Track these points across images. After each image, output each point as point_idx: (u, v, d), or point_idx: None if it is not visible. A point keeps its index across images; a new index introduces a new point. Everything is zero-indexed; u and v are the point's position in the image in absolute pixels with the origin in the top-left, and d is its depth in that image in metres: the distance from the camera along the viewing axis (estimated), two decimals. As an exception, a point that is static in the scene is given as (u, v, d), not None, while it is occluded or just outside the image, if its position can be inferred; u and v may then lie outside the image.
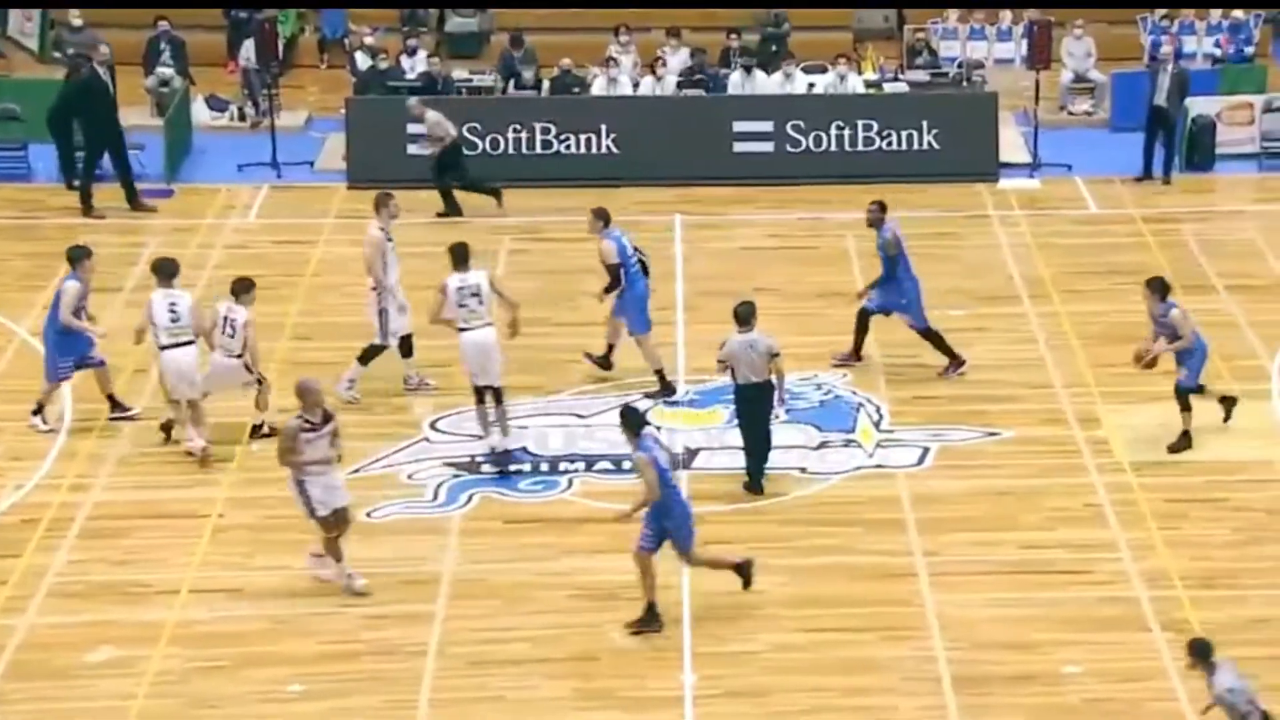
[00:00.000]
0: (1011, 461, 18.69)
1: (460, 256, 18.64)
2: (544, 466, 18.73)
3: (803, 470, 18.66)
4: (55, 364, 19.19)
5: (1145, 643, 15.67)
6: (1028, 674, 15.25)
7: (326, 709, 14.98)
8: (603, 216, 19.92)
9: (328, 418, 16.21)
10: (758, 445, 18.21)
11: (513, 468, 18.53)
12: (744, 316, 18.08)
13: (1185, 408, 18.70)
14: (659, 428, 19.34)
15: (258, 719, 14.94)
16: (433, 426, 19.47)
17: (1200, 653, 13.51)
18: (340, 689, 15.13)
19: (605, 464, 18.75)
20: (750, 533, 17.52)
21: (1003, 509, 17.88)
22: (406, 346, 19.97)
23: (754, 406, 18.09)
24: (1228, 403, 19.10)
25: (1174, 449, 18.68)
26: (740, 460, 18.34)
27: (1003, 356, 20.99)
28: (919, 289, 20.36)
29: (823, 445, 19.09)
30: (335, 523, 16.30)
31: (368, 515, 17.80)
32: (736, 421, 18.44)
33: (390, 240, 19.84)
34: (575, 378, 20.51)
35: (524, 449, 19.00)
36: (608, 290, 19.83)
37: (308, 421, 16.10)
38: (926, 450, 18.93)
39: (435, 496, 18.21)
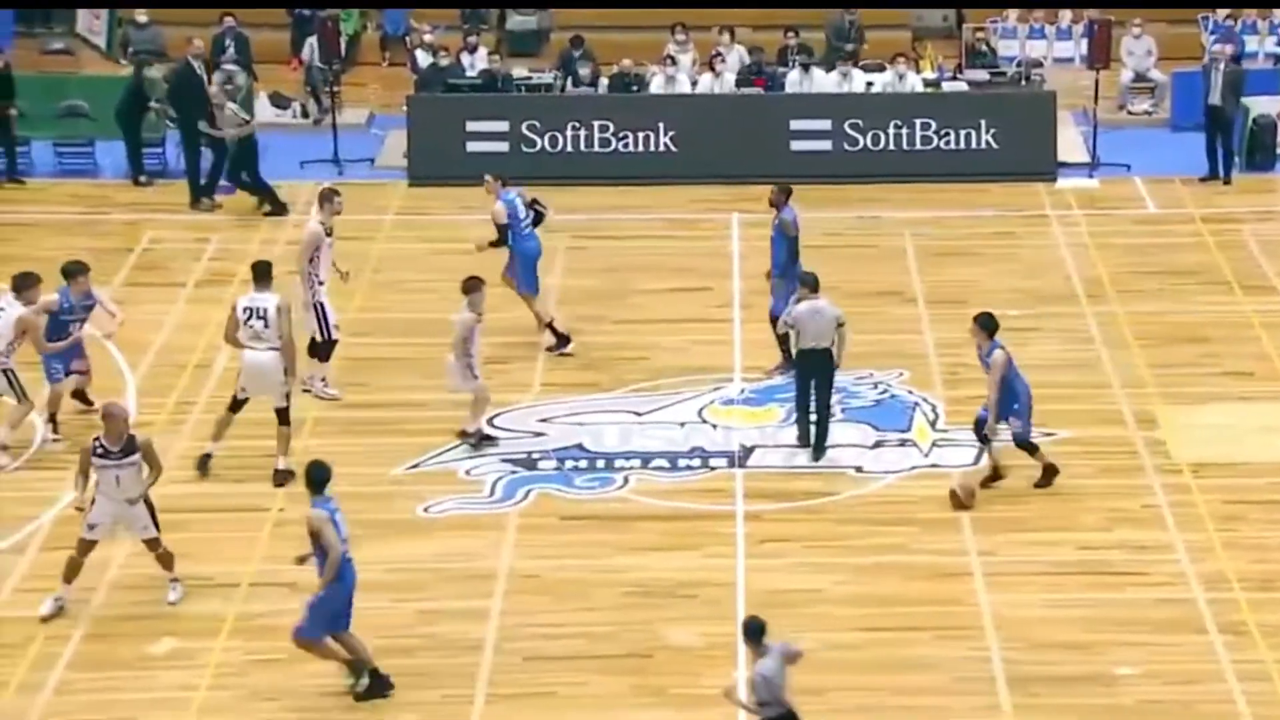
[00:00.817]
0: (1068, 462, 18.57)
1: (256, 275, 18.33)
2: (600, 463, 18.83)
3: (858, 469, 18.68)
4: (49, 365, 19.14)
5: (1202, 645, 15.62)
6: (1083, 675, 15.23)
7: (383, 703, 15.07)
8: (501, 179, 21.01)
9: (129, 450, 15.86)
10: (819, 412, 18.32)
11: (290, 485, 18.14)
12: (812, 283, 18.37)
13: (1031, 451, 17.92)
14: (715, 426, 19.41)
15: (315, 712, 15.07)
16: (490, 423, 19.57)
17: (752, 633, 13.39)
18: (396, 683, 15.21)
19: (661, 461, 18.83)
20: (805, 531, 17.56)
21: (1059, 509, 17.85)
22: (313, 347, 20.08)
23: (816, 374, 18.16)
24: (1049, 473, 18.09)
25: (985, 483, 17.99)
26: (796, 460, 18.36)
27: (1060, 357, 20.91)
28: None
29: (878, 444, 19.11)
30: (90, 548, 16.09)
31: (424, 510, 17.93)
32: (795, 387, 18.60)
33: (329, 236, 19.95)
34: (632, 375, 20.60)
35: (580, 445, 19.11)
36: (494, 244, 20.73)
37: (101, 446, 15.86)
38: (982, 450, 18.91)
39: (492, 492, 18.31)
